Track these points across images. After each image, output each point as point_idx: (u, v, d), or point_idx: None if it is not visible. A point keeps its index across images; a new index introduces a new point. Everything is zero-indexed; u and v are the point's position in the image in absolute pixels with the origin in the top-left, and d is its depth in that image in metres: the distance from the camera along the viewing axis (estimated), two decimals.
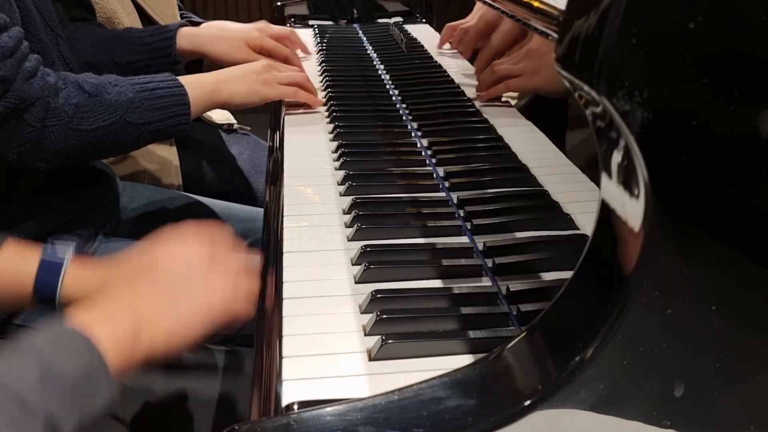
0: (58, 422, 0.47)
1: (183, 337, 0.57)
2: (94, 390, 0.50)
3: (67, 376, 0.48)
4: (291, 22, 1.77)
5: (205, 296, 0.59)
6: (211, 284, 0.60)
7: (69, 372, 0.49)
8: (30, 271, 0.70)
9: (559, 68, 0.42)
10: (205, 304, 0.59)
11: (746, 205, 0.41)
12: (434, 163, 0.89)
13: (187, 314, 0.58)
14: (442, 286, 0.63)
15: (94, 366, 0.50)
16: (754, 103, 0.39)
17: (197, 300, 0.58)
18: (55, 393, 0.47)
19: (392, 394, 0.44)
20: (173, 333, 0.57)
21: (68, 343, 0.50)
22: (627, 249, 0.41)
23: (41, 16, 0.95)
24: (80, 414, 0.49)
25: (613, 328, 0.41)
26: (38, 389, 0.47)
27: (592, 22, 0.39)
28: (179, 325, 0.57)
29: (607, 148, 0.41)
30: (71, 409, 0.48)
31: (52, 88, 0.83)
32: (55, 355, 0.49)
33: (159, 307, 0.57)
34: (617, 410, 0.43)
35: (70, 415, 0.48)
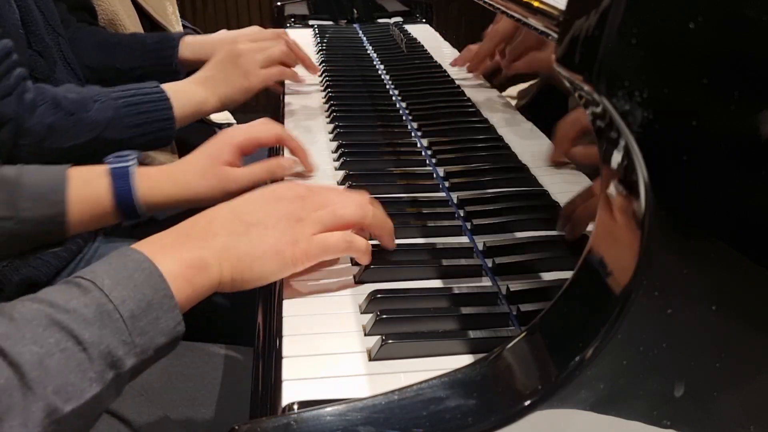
0: (117, 355, 0.47)
1: (252, 271, 0.58)
2: (155, 321, 0.50)
3: (124, 309, 0.48)
4: (291, 22, 1.77)
5: (276, 243, 0.59)
6: (286, 235, 0.59)
7: (128, 304, 0.49)
8: (104, 185, 0.76)
9: (559, 68, 0.42)
10: (275, 248, 0.59)
11: (746, 205, 0.41)
12: (434, 163, 0.89)
13: (258, 252, 0.58)
14: (442, 286, 0.63)
15: (156, 296, 0.50)
16: (754, 103, 0.39)
17: (269, 242, 0.59)
18: (112, 327, 0.48)
19: (392, 394, 0.44)
20: (243, 265, 0.57)
21: (129, 273, 0.50)
22: (627, 249, 0.41)
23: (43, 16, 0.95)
24: (142, 346, 0.49)
25: (613, 328, 0.41)
26: (94, 323, 0.47)
27: (592, 22, 0.40)
28: (249, 258, 0.58)
29: (607, 148, 0.42)
30: (131, 342, 0.48)
31: (28, 107, 0.82)
32: (114, 287, 0.49)
33: (231, 241, 0.58)
34: (617, 410, 0.43)
35: (131, 348, 0.48)
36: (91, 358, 0.46)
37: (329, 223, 0.62)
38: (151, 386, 0.79)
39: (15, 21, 0.86)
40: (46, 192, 0.73)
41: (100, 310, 0.48)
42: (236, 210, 0.61)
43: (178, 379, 0.81)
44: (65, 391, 0.44)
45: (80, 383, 0.45)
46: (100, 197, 0.76)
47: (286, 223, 0.60)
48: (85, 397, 0.45)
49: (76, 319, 0.47)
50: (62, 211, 0.74)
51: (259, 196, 0.63)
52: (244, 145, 0.83)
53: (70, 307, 0.47)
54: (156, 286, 0.51)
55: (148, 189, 0.77)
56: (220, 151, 0.81)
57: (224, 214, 0.60)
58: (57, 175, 0.75)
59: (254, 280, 0.58)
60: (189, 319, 0.57)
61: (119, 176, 0.76)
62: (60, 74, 0.96)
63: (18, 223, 0.72)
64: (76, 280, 0.50)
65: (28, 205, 0.72)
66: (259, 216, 0.60)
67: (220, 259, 0.57)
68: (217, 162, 0.80)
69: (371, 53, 1.42)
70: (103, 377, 0.47)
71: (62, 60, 0.98)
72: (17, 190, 0.72)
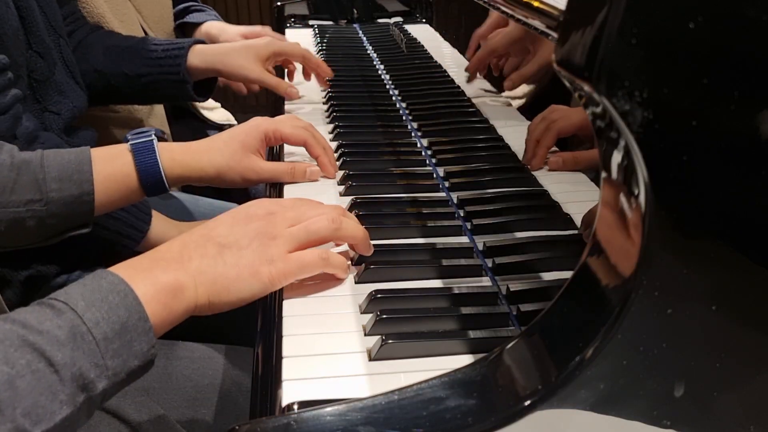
0: (89, 378, 0.46)
1: (228, 294, 0.57)
2: (129, 344, 0.49)
3: (98, 331, 0.48)
4: (291, 22, 1.77)
5: (251, 263, 0.58)
6: (260, 254, 0.59)
7: (102, 326, 0.48)
8: (128, 162, 0.77)
9: (559, 68, 0.42)
10: (251, 269, 0.58)
11: (746, 205, 0.41)
12: (434, 163, 0.89)
13: (233, 274, 0.57)
14: (442, 286, 0.63)
15: (130, 318, 0.50)
16: (754, 103, 0.39)
17: (243, 263, 0.58)
18: (84, 349, 0.47)
19: (392, 394, 0.44)
20: (219, 288, 0.57)
21: (104, 295, 0.50)
22: (627, 249, 0.41)
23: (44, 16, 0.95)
24: (115, 369, 0.48)
25: (613, 328, 0.41)
26: (67, 345, 0.46)
27: (592, 22, 0.39)
28: (225, 281, 0.57)
29: (607, 148, 0.42)
30: (103, 364, 0.47)
31: (25, 135, 0.81)
32: (88, 309, 0.48)
33: (206, 264, 0.57)
34: (617, 410, 0.43)
35: (103, 371, 0.47)
36: (63, 380, 0.45)
37: (303, 240, 0.62)
38: (151, 386, 0.79)
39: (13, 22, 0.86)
40: (71, 172, 0.74)
41: (73, 331, 0.47)
42: (209, 233, 0.60)
43: (178, 379, 0.81)
44: (35, 414, 0.43)
45: (50, 405, 0.44)
46: (124, 174, 0.77)
47: (260, 242, 0.60)
48: (55, 420, 0.44)
49: (49, 341, 0.46)
50: (89, 190, 0.74)
51: (230, 217, 0.62)
52: (270, 135, 0.83)
53: (42, 329, 0.46)
54: (131, 309, 0.50)
55: (169, 161, 0.78)
56: (248, 137, 0.81)
57: (197, 238, 0.60)
58: (80, 155, 0.75)
59: (231, 302, 0.58)
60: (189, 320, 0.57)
61: (141, 151, 0.77)
62: (59, 75, 0.96)
63: (46, 204, 0.72)
64: (50, 301, 0.49)
65: (55, 186, 0.73)
66: (232, 237, 0.60)
67: (196, 283, 0.56)
68: (245, 147, 0.81)
69: (371, 53, 1.42)
70: (74, 400, 0.46)
71: (62, 61, 0.98)
72: (42, 173, 0.73)
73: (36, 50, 0.90)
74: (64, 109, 0.95)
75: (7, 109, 0.80)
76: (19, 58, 0.87)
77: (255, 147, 0.81)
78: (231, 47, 1.13)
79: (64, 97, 0.96)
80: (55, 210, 0.73)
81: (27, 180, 0.72)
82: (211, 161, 0.80)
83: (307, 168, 0.84)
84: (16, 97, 0.82)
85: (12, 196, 0.72)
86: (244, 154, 0.80)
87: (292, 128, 0.84)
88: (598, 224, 0.44)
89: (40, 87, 0.92)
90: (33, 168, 0.73)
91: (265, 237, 0.60)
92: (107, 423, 0.72)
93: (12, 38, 0.85)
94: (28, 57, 0.90)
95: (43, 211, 0.73)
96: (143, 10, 1.39)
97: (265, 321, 0.62)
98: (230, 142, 0.81)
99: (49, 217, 0.73)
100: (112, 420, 0.72)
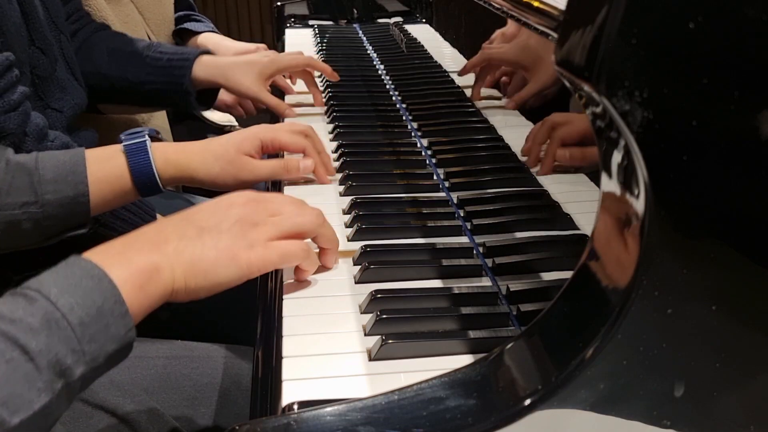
0: (66, 364, 0.46)
1: (205, 277, 0.56)
2: (105, 328, 0.48)
3: (73, 316, 0.47)
4: (291, 22, 1.77)
5: (230, 246, 0.58)
6: (240, 239, 0.58)
7: (76, 311, 0.47)
8: (122, 163, 0.77)
9: (559, 68, 0.42)
10: (229, 252, 0.57)
11: (746, 205, 0.41)
12: (434, 164, 0.89)
13: (211, 256, 0.57)
14: (442, 286, 0.63)
15: (106, 302, 0.49)
16: (754, 103, 0.39)
17: (223, 246, 0.57)
18: (60, 335, 0.46)
19: (392, 394, 0.44)
20: (196, 270, 0.56)
21: (77, 280, 0.49)
22: (627, 249, 0.41)
23: (47, 12, 0.94)
24: (92, 354, 0.47)
25: (613, 328, 0.41)
26: (41, 332, 0.45)
27: (592, 22, 0.40)
28: (203, 263, 0.56)
29: (607, 148, 0.42)
30: (80, 350, 0.47)
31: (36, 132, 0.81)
32: (62, 295, 0.47)
33: (183, 245, 0.56)
34: (617, 410, 0.43)
35: (80, 356, 0.47)
36: (39, 368, 0.44)
37: (286, 230, 0.61)
38: (150, 385, 0.79)
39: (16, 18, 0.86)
40: (65, 173, 0.74)
41: (47, 318, 0.46)
42: (189, 216, 0.60)
43: (178, 378, 0.81)
44: (12, 403, 0.43)
45: (27, 394, 0.43)
46: (117, 175, 0.77)
47: (241, 227, 0.59)
48: (34, 408, 0.44)
49: (22, 329, 0.45)
50: (84, 191, 0.74)
51: (212, 204, 0.62)
52: (268, 143, 0.83)
53: (15, 317, 0.45)
54: (106, 293, 0.49)
55: (163, 162, 0.78)
56: (243, 141, 0.82)
57: (176, 221, 0.59)
58: (74, 156, 0.75)
59: (208, 286, 0.57)
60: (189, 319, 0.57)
61: (134, 152, 0.77)
62: (61, 72, 0.95)
63: (42, 206, 0.73)
64: (22, 290, 0.48)
65: (50, 188, 0.73)
66: (212, 221, 0.59)
67: (173, 265, 0.55)
68: (238, 150, 0.81)
69: (371, 53, 1.43)
70: (52, 387, 0.45)
71: (63, 59, 0.97)
72: (37, 175, 0.73)
73: (38, 46, 0.90)
74: (66, 106, 0.95)
75: (17, 105, 0.80)
76: (21, 55, 0.87)
77: (250, 152, 0.82)
78: (235, 62, 1.13)
79: (65, 93, 0.96)
80: (51, 212, 0.73)
81: (22, 182, 0.72)
82: (205, 163, 0.80)
83: (300, 162, 0.84)
84: (24, 94, 0.82)
85: (7, 198, 0.72)
86: (237, 156, 0.80)
87: (291, 135, 0.84)
88: (598, 224, 0.44)
89: (42, 84, 0.92)
90: (28, 170, 0.73)
91: (247, 223, 0.60)
92: (106, 422, 0.72)
93: (15, 34, 0.85)
94: (31, 53, 0.90)
95: (39, 213, 0.73)
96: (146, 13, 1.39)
97: (265, 321, 0.62)
98: (226, 145, 0.81)
99: (45, 218, 0.73)
100: (111, 419, 0.72)
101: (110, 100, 1.17)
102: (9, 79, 0.80)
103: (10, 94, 0.80)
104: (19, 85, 0.82)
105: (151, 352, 0.83)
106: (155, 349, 0.83)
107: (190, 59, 1.10)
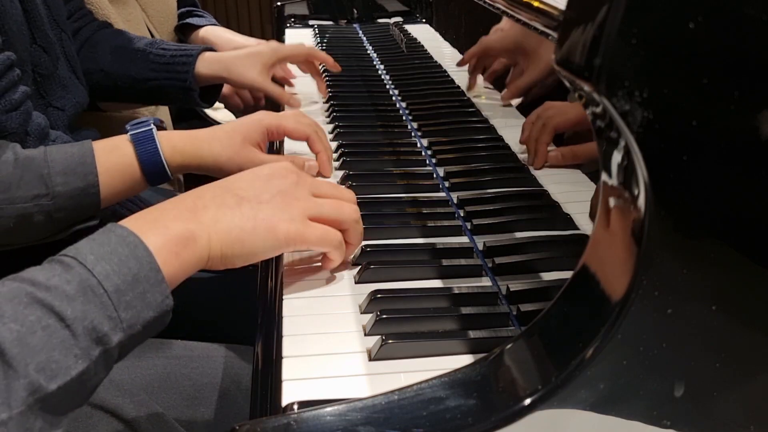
0: (103, 331, 0.46)
1: (242, 246, 0.56)
2: (142, 295, 0.48)
3: (109, 284, 0.47)
4: (291, 22, 1.77)
5: (270, 217, 0.58)
6: (280, 211, 0.58)
7: (112, 278, 0.47)
8: (129, 152, 0.78)
9: (559, 68, 0.42)
10: (268, 223, 0.57)
11: (746, 205, 0.41)
12: (434, 163, 0.89)
13: (249, 226, 0.57)
14: (442, 286, 0.63)
15: (142, 269, 0.49)
16: (754, 103, 0.39)
17: (262, 216, 0.57)
18: (96, 302, 0.46)
19: (392, 394, 0.44)
20: (233, 239, 0.56)
21: (113, 248, 0.49)
22: (627, 249, 0.41)
23: (48, 10, 0.94)
24: (129, 321, 0.47)
25: (613, 328, 0.41)
26: (77, 299, 0.46)
27: (592, 22, 0.39)
28: (241, 233, 0.56)
29: (607, 148, 0.42)
30: (117, 316, 0.47)
31: (37, 132, 0.82)
32: (98, 262, 0.47)
33: (222, 213, 0.56)
34: (617, 410, 0.43)
35: (117, 323, 0.47)
36: (75, 335, 0.45)
37: (326, 213, 0.61)
38: (150, 385, 0.79)
39: (18, 17, 0.86)
40: (75, 165, 0.74)
41: (83, 285, 0.46)
42: (228, 185, 0.60)
43: (177, 378, 0.81)
44: (49, 369, 0.43)
45: (65, 360, 0.44)
46: (126, 164, 0.77)
47: (282, 199, 0.59)
48: (71, 374, 0.44)
49: (58, 296, 0.45)
50: (94, 182, 0.75)
51: (252, 173, 0.62)
52: (273, 130, 0.83)
53: (51, 284, 0.46)
54: (141, 260, 0.49)
55: (170, 149, 0.78)
56: (250, 130, 0.82)
57: (215, 189, 0.59)
58: (83, 148, 0.76)
59: (244, 255, 0.57)
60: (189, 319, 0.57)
61: (141, 141, 0.77)
62: (62, 70, 0.95)
63: (53, 198, 0.73)
64: (59, 257, 0.48)
65: (59, 180, 0.73)
66: (252, 191, 0.59)
67: (210, 233, 0.55)
68: (245, 139, 0.81)
69: (371, 53, 1.43)
70: (88, 353, 0.45)
71: (64, 57, 0.97)
72: (47, 167, 0.73)
73: (40, 44, 0.90)
74: (67, 104, 0.95)
75: (18, 105, 0.80)
76: (23, 53, 0.87)
77: (256, 140, 0.82)
78: (236, 55, 1.13)
79: (67, 92, 0.96)
80: (62, 203, 0.74)
81: (32, 175, 0.73)
82: (212, 151, 0.80)
83: (306, 162, 0.85)
84: (26, 93, 0.82)
85: (18, 191, 0.72)
86: (243, 145, 0.81)
87: (296, 123, 0.85)
88: (598, 224, 0.44)
89: (44, 82, 0.92)
90: (37, 163, 0.73)
91: (288, 196, 0.60)
92: (106, 422, 0.72)
93: (17, 33, 0.85)
94: (32, 52, 0.90)
95: (50, 205, 0.73)
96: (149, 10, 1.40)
97: (265, 321, 0.62)
98: (232, 133, 0.81)
99: (56, 211, 0.74)
100: (111, 419, 0.72)
101: (113, 98, 1.17)
102: (10, 78, 0.80)
103: (11, 94, 0.80)
104: (20, 85, 0.82)
105: (151, 352, 0.83)
106: (155, 349, 0.83)
107: (193, 55, 1.10)
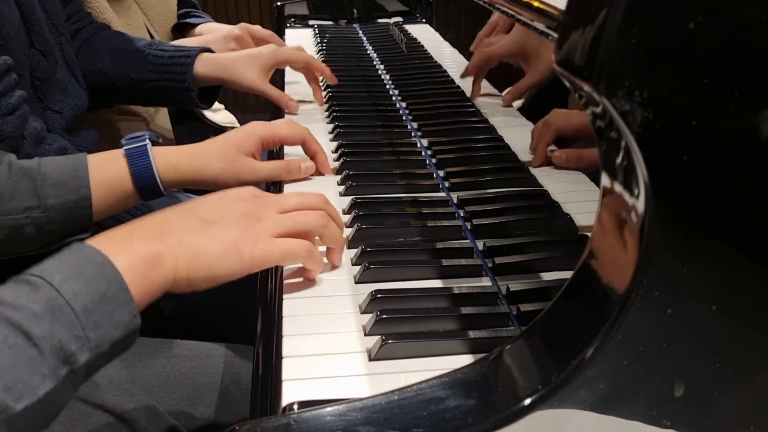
0: (70, 350, 0.46)
1: (208, 269, 0.56)
2: (109, 314, 0.48)
3: (76, 303, 0.47)
4: (291, 22, 1.77)
5: (233, 239, 0.58)
6: (245, 233, 0.59)
7: (80, 297, 0.47)
8: (123, 167, 0.77)
9: (559, 68, 0.42)
10: (233, 245, 0.58)
11: (746, 205, 0.41)
12: (434, 164, 0.89)
13: (215, 249, 0.57)
14: (442, 286, 0.63)
15: (110, 289, 0.49)
16: (754, 103, 0.39)
17: (227, 239, 0.58)
18: (64, 321, 0.46)
19: (392, 394, 0.44)
20: (199, 262, 0.56)
21: (81, 267, 0.49)
22: (627, 249, 0.41)
23: (46, 14, 0.94)
24: (97, 340, 0.47)
25: (613, 328, 0.41)
26: (44, 318, 0.45)
27: (592, 22, 0.40)
28: (206, 255, 0.56)
29: (607, 148, 0.42)
30: (84, 336, 0.46)
31: (33, 136, 0.81)
32: (65, 282, 0.47)
33: (188, 236, 0.57)
34: (617, 410, 0.43)
35: (84, 343, 0.46)
36: (43, 354, 0.44)
37: (290, 227, 0.62)
38: (149, 385, 0.79)
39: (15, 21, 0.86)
40: (67, 178, 0.74)
41: (50, 304, 0.46)
42: (193, 208, 0.60)
43: (177, 378, 0.81)
44: (16, 389, 0.42)
45: (31, 380, 0.43)
46: (119, 179, 0.77)
47: (246, 222, 0.60)
48: (38, 395, 0.43)
49: (26, 315, 0.45)
50: (87, 195, 0.74)
51: (217, 196, 0.63)
52: (268, 139, 0.83)
53: (18, 304, 0.45)
54: (109, 279, 0.49)
55: (164, 165, 0.78)
56: (243, 140, 0.82)
57: (181, 211, 0.59)
58: (76, 161, 0.76)
59: (209, 277, 0.57)
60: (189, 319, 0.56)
61: (135, 156, 0.77)
62: (61, 74, 0.95)
63: (45, 211, 0.73)
64: (25, 277, 0.48)
65: (52, 192, 0.73)
66: (217, 214, 0.60)
67: (176, 255, 0.55)
68: (239, 150, 0.81)
69: (371, 53, 1.43)
70: (56, 373, 0.45)
71: (63, 60, 0.97)
72: (40, 179, 0.73)
73: (38, 48, 0.90)
74: (66, 107, 0.95)
75: (14, 109, 0.80)
76: (21, 57, 0.87)
77: (250, 150, 0.82)
78: (236, 56, 1.13)
79: (65, 95, 0.96)
80: (54, 216, 0.73)
81: (25, 187, 0.72)
82: (206, 165, 0.80)
83: (302, 163, 0.85)
84: (22, 97, 0.82)
85: (11, 203, 0.72)
86: (238, 155, 0.80)
87: (290, 129, 0.85)
88: (598, 224, 0.44)
89: (42, 86, 0.92)
90: (31, 175, 0.73)
91: (252, 218, 0.60)
92: (105, 421, 0.72)
93: (14, 37, 0.85)
94: (31, 55, 0.90)
95: (41, 218, 0.73)
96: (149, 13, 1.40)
97: (265, 321, 0.62)
98: (225, 145, 0.81)
99: (48, 223, 0.73)
100: (111, 418, 0.72)
101: (113, 99, 1.17)
102: (7, 82, 0.80)
103: (7, 98, 0.80)
104: (17, 89, 0.82)
105: (151, 352, 0.83)
106: (154, 349, 0.83)
107: (191, 56, 1.10)
